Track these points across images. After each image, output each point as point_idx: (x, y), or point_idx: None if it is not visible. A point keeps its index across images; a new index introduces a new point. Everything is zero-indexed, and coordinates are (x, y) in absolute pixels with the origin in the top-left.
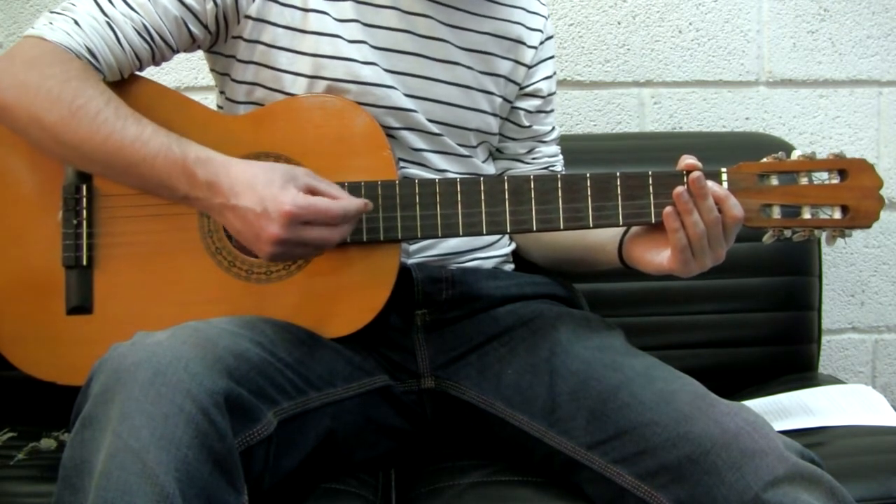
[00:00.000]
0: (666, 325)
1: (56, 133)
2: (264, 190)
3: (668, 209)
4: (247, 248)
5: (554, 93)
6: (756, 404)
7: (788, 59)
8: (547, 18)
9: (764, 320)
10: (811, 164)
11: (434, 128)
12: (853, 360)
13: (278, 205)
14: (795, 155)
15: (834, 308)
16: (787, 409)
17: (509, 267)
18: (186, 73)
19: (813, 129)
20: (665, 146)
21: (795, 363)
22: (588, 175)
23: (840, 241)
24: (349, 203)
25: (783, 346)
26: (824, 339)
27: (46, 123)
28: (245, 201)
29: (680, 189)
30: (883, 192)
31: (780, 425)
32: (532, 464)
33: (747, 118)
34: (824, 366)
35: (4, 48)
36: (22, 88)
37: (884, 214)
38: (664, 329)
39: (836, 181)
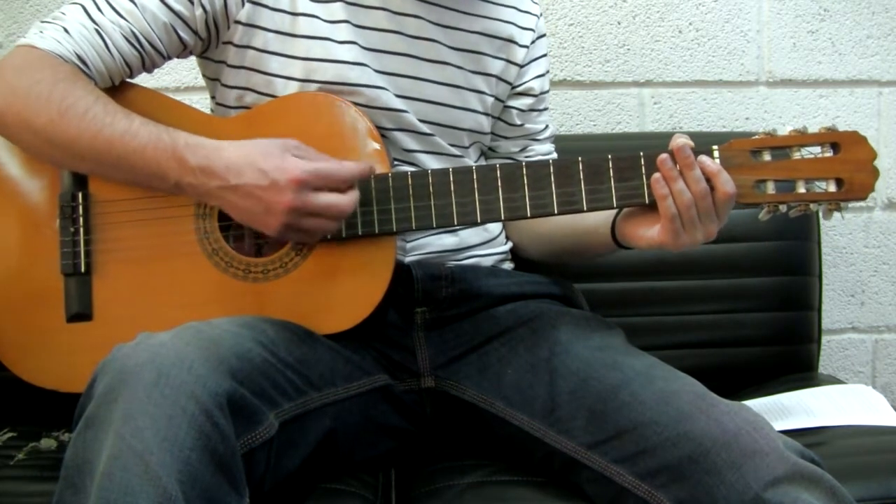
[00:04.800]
0: (666, 325)
1: (47, 135)
2: (265, 163)
3: (656, 175)
4: (254, 227)
5: (547, 91)
6: (756, 404)
7: (788, 59)
8: (539, 17)
9: (764, 320)
10: (803, 137)
11: (425, 128)
12: (853, 360)
13: (285, 173)
14: (787, 130)
15: (834, 308)
16: (787, 409)
17: (508, 265)
18: (186, 73)
19: (813, 128)
20: (665, 146)
21: (795, 363)
22: (580, 159)
23: (840, 240)
24: (353, 165)
25: (783, 346)
26: (824, 339)
27: (37, 126)
28: (247, 178)
29: (664, 155)
30: (883, 191)
31: (780, 425)
32: (532, 464)
33: (747, 118)
34: (824, 366)
35: (4, 48)
36: (11, 94)
37: (884, 214)
38: (664, 329)
39: (829, 154)
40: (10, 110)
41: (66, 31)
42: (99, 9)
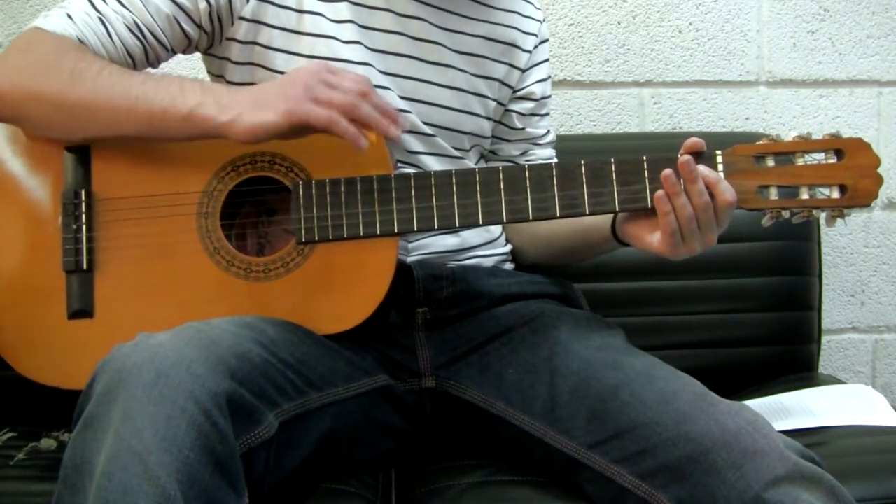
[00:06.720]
0: (666, 325)
1: (58, 99)
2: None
3: (660, 192)
4: (271, 108)
5: (548, 96)
6: (756, 404)
7: (788, 59)
8: (542, 22)
9: (764, 320)
10: (807, 144)
11: (428, 130)
12: (853, 360)
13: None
14: (791, 136)
15: (834, 308)
16: (787, 409)
17: (509, 266)
18: (186, 72)
19: (813, 129)
20: (665, 146)
21: (795, 363)
22: (583, 162)
23: (840, 239)
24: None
25: (783, 346)
26: (824, 339)
27: (46, 93)
28: (266, 86)
29: (668, 171)
30: (883, 191)
31: (780, 425)
32: (532, 464)
33: (747, 118)
34: (824, 366)
35: (4, 48)
36: (17, 73)
37: (883, 214)
38: (664, 329)
39: (832, 161)
40: (17, 89)
41: (69, 17)
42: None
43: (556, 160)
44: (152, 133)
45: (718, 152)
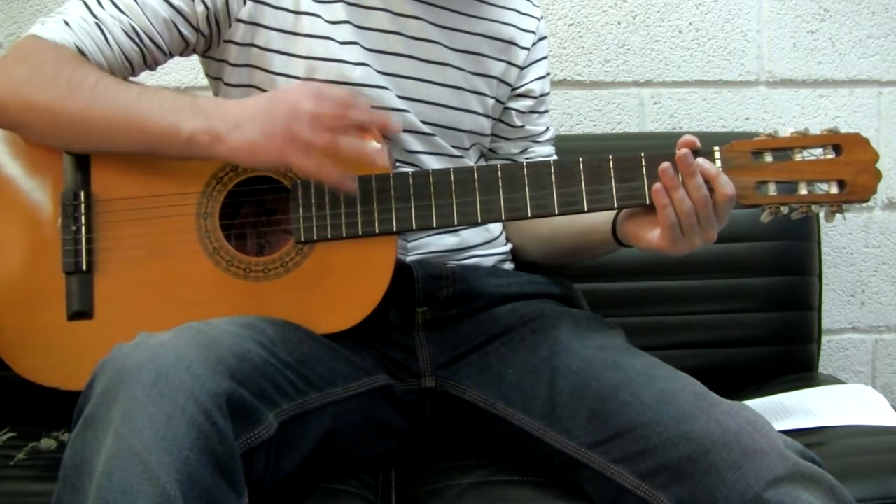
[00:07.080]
0: (666, 325)
1: (54, 113)
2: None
3: (657, 185)
4: (264, 155)
5: (547, 93)
6: (756, 404)
7: (788, 59)
8: (540, 20)
9: (764, 320)
10: (805, 139)
11: (427, 129)
12: (853, 360)
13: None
14: (789, 131)
15: (834, 308)
16: (787, 409)
17: (509, 266)
18: (187, 72)
19: (813, 128)
20: (665, 146)
21: (795, 363)
22: (581, 159)
23: (840, 239)
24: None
25: (783, 346)
26: (824, 339)
27: (44, 104)
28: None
29: (666, 164)
30: (883, 191)
31: (780, 425)
32: (532, 463)
33: (747, 118)
34: (824, 366)
35: (4, 48)
36: (14, 83)
37: (884, 214)
38: (664, 329)
39: (831, 156)
40: (15, 97)
41: (66, 23)
42: (100, 4)
43: (555, 157)
44: (146, 150)
45: (716, 148)
